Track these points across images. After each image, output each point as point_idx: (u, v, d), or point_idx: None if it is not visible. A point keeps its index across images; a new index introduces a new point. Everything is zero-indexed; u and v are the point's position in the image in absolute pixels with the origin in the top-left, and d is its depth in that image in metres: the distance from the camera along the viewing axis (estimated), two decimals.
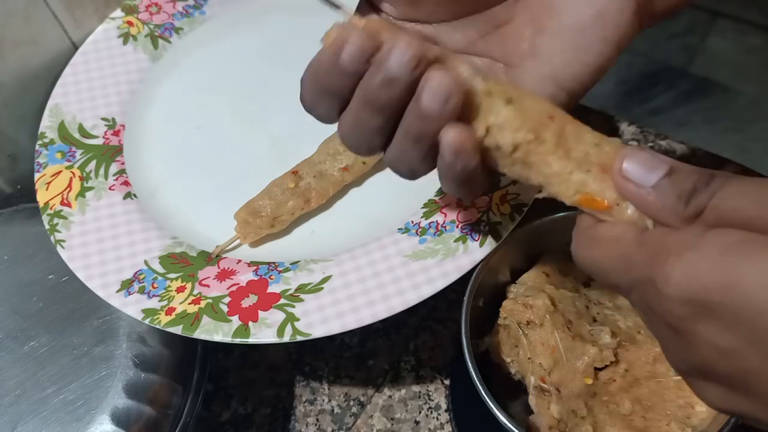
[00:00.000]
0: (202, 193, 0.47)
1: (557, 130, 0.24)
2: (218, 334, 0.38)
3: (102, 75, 0.52)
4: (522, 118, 0.24)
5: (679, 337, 0.20)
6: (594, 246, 0.23)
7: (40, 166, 0.46)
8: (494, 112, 0.24)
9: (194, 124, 0.50)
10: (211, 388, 0.49)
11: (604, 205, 0.23)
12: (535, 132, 0.24)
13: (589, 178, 0.23)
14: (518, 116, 0.24)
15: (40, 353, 0.40)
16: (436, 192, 0.44)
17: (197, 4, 0.56)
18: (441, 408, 0.47)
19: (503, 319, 0.40)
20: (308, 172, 0.44)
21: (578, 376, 0.38)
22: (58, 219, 0.44)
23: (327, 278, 0.40)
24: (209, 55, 0.54)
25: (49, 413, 0.38)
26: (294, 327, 0.38)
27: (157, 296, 0.40)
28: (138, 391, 0.39)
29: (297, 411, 0.48)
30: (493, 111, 0.24)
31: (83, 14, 0.53)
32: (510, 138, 0.24)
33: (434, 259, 0.40)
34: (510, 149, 0.24)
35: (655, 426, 0.36)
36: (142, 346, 0.40)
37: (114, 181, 0.46)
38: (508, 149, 0.24)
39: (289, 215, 0.43)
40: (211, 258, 0.42)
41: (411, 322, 0.50)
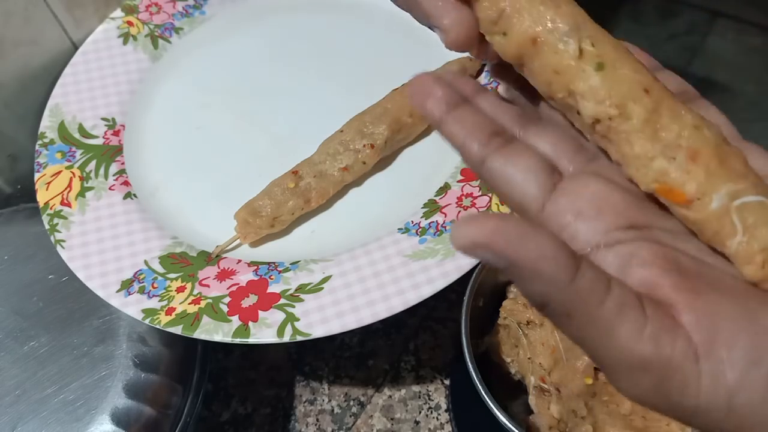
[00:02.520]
0: (202, 193, 0.47)
1: (651, 105, 0.21)
2: (218, 334, 0.38)
3: (102, 75, 0.52)
4: (609, 89, 0.21)
5: None
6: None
7: (40, 166, 0.46)
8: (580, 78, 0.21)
9: (194, 124, 0.51)
10: (211, 388, 0.49)
11: (683, 198, 0.20)
12: (622, 107, 0.21)
13: (672, 167, 0.20)
14: (605, 86, 0.21)
15: (40, 353, 0.40)
16: (436, 192, 0.44)
17: (197, 4, 0.56)
18: (441, 408, 0.47)
19: (503, 319, 0.40)
20: (308, 172, 0.44)
21: (578, 376, 0.38)
22: (58, 219, 0.44)
23: (327, 278, 0.40)
24: (209, 55, 0.54)
25: (49, 413, 0.38)
26: (294, 327, 0.38)
27: (157, 296, 0.40)
28: (138, 391, 0.39)
29: (297, 411, 0.48)
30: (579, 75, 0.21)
31: (83, 14, 0.53)
32: (592, 110, 0.21)
33: (434, 259, 0.40)
34: (590, 121, 0.22)
35: (655, 426, 0.36)
36: (142, 346, 0.40)
37: (114, 181, 0.46)
38: (588, 120, 0.22)
39: (289, 215, 0.43)
40: (211, 258, 0.42)
41: (411, 322, 0.50)
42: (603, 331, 0.18)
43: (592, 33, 0.22)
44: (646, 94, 0.21)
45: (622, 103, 0.21)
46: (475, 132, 0.22)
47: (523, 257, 0.18)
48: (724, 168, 0.20)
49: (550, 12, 0.22)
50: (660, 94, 0.21)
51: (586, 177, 0.22)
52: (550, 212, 0.21)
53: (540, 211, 0.21)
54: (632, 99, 0.21)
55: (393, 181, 0.46)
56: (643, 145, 0.21)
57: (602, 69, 0.21)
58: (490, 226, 0.18)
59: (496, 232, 0.18)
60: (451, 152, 0.46)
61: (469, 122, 0.23)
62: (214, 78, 0.53)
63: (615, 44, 0.22)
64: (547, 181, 0.22)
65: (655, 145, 0.21)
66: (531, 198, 0.22)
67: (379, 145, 0.44)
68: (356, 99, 0.46)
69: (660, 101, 0.21)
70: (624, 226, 0.21)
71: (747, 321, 0.18)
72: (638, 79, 0.21)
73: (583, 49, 0.21)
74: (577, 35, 0.21)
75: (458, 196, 0.43)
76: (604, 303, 0.18)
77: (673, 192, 0.20)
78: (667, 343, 0.18)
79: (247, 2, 0.57)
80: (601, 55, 0.21)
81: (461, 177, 0.44)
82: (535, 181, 0.22)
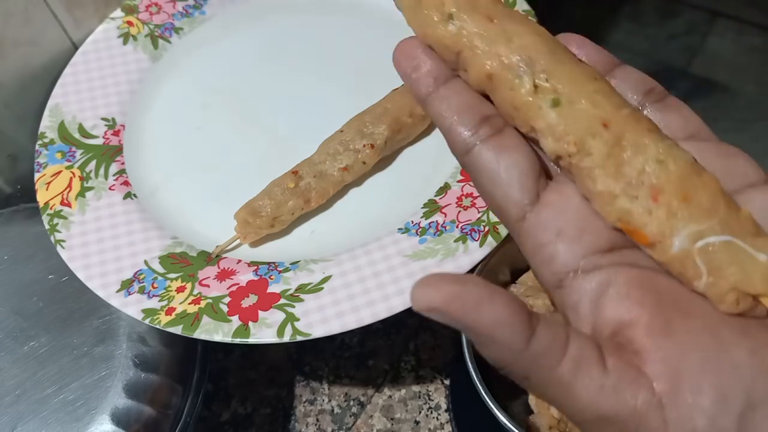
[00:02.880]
0: (202, 193, 0.47)
1: (611, 139, 0.20)
2: (218, 334, 0.38)
3: (102, 75, 0.52)
4: (567, 125, 0.20)
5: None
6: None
7: (40, 166, 0.46)
8: (538, 115, 0.21)
9: (194, 124, 0.50)
10: (211, 388, 0.49)
11: (645, 240, 0.20)
12: (581, 143, 0.20)
13: (635, 207, 0.20)
14: (562, 122, 0.20)
15: (40, 353, 0.40)
16: (436, 192, 0.44)
17: (197, 4, 0.56)
18: (441, 408, 0.47)
19: None
20: (308, 172, 0.44)
21: None
22: (58, 219, 0.44)
23: (327, 278, 0.40)
24: (209, 55, 0.54)
25: (49, 413, 0.38)
26: (294, 327, 0.38)
27: (157, 296, 0.40)
28: (138, 391, 0.39)
29: (297, 411, 0.48)
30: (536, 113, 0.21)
31: (83, 14, 0.53)
32: (551, 147, 0.21)
33: (434, 259, 0.40)
34: (552, 156, 0.21)
35: None
36: (142, 346, 0.40)
37: (114, 181, 0.46)
38: (551, 157, 0.21)
39: (289, 215, 0.43)
40: (211, 258, 0.42)
41: (411, 322, 0.50)
42: (562, 391, 0.18)
43: (547, 66, 0.21)
44: (605, 129, 0.20)
45: (580, 140, 0.20)
46: (464, 114, 0.22)
47: (478, 324, 0.18)
48: (689, 205, 0.19)
49: (502, 47, 0.21)
50: (622, 125, 0.20)
51: (569, 189, 0.21)
52: (531, 224, 0.21)
53: (521, 220, 0.21)
54: (591, 134, 0.20)
55: (393, 181, 0.46)
56: (604, 182, 0.20)
57: (558, 105, 0.20)
58: (447, 291, 0.18)
59: (453, 298, 0.18)
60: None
61: (456, 102, 0.22)
62: (214, 78, 0.53)
63: (572, 73, 0.21)
64: (532, 187, 0.21)
65: (617, 182, 0.20)
66: (513, 203, 0.21)
67: (379, 145, 0.44)
68: (356, 99, 0.46)
69: (621, 133, 0.20)
70: (604, 248, 0.20)
71: (716, 360, 0.18)
72: (596, 113, 0.20)
73: (537, 85, 0.21)
74: (531, 70, 0.21)
75: (458, 196, 0.43)
76: (561, 363, 0.18)
77: (636, 233, 0.20)
78: (629, 396, 0.18)
79: (247, 2, 0.57)
80: (556, 89, 0.21)
81: (461, 177, 0.44)
82: (521, 184, 0.21)
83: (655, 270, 0.20)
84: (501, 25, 0.21)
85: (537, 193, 0.21)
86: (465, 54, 0.22)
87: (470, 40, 0.21)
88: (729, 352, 0.18)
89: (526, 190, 0.21)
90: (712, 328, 0.18)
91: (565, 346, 0.18)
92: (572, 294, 0.20)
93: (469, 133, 0.21)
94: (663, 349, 0.18)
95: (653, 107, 0.22)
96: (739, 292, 0.19)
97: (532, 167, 0.21)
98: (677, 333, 0.18)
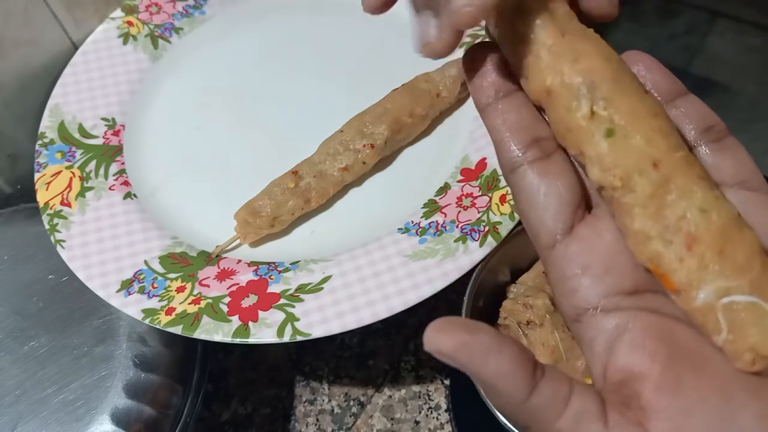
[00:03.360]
0: (202, 193, 0.47)
1: (658, 180, 0.19)
2: (218, 334, 0.38)
3: (102, 75, 0.52)
4: (616, 158, 0.20)
5: None
6: None
7: (40, 166, 0.46)
8: (589, 142, 0.20)
9: (194, 124, 0.50)
10: (211, 388, 0.49)
11: (672, 286, 0.19)
12: (626, 179, 0.20)
13: (667, 252, 0.19)
14: (612, 154, 0.20)
15: (40, 353, 0.40)
16: (436, 192, 0.44)
17: (197, 4, 0.56)
18: (441, 408, 0.47)
19: (503, 319, 0.40)
20: (308, 172, 0.44)
21: (578, 376, 0.38)
22: (58, 219, 0.44)
23: (327, 278, 0.40)
24: (209, 55, 0.54)
25: (49, 413, 0.38)
26: (294, 327, 0.38)
27: (157, 296, 0.40)
28: (138, 391, 0.39)
29: (297, 411, 0.48)
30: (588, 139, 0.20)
31: (83, 14, 0.53)
32: (597, 176, 0.20)
33: (434, 259, 0.40)
34: (596, 186, 0.21)
35: None
36: (142, 346, 0.40)
37: (114, 181, 0.46)
38: (595, 184, 0.21)
39: (289, 215, 0.43)
40: (211, 258, 0.42)
41: (411, 322, 0.50)
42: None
43: (608, 94, 0.20)
44: (655, 168, 0.19)
45: (627, 176, 0.20)
46: (517, 133, 0.22)
47: (483, 373, 0.19)
48: (723, 259, 0.19)
49: (567, 66, 0.20)
50: (673, 167, 0.19)
51: (604, 225, 0.21)
52: (559, 255, 0.21)
53: (550, 248, 0.21)
54: (638, 172, 0.20)
55: (393, 181, 0.46)
56: (642, 222, 0.20)
57: (612, 135, 0.20)
58: (457, 340, 0.18)
59: (462, 346, 0.18)
60: (451, 152, 0.47)
61: (513, 118, 0.22)
62: (214, 78, 0.53)
63: (632, 105, 0.20)
64: (568, 217, 0.21)
65: (655, 224, 0.20)
66: (546, 230, 0.21)
67: (379, 145, 0.44)
68: (356, 99, 0.46)
69: (670, 176, 0.19)
70: (628, 290, 0.20)
71: (721, 423, 0.18)
72: (648, 151, 0.20)
73: (595, 112, 0.20)
74: (591, 95, 0.20)
75: (458, 196, 0.43)
76: (561, 418, 0.18)
77: (664, 277, 0.20)
78: None
79: (247, 2, 0.57)
80: (613, 119, 0.20)
81: (461, 177, 0.44)
82: (556, 213, 0.21)
83: (677, 319, 0.20)
84: (571, 42, 0.21)
85: (571, 225, 0.21)
86: (530, 61, 0.21)
87: (538, 50, 0.21)
88: (736, 415, 0.18)
89: (560, 219, 0.21)
90: (723, 388, 0.18)
91: (566, 401, 0.19)
92: (589, 331, 0.20)
93: (519, 153, 0.21)
94: (669, 408, 0.18)
95: (709, 147, 0.22)
96: (756, 353, 0.19)
97: (572, 198, 0.21)
98: (685, 391, 0.18)
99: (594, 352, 0.20)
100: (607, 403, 0.19)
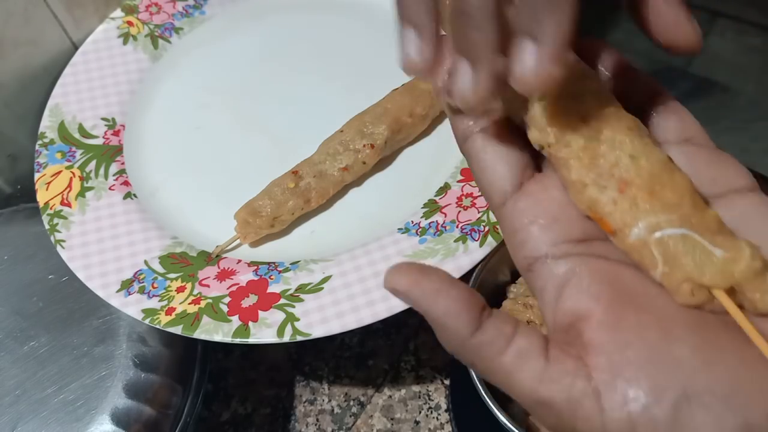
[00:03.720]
0: (202, 193, 0.47)
1: (590, 134, 0.21)
2: (218, 334, 0.38)
3: (102, 75, 0.52)
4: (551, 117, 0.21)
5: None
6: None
7: (40, 166, 0.46)
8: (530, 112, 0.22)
9: (194, 124, 0.50)
10: (211, 388, 0.49)
11: (609, 228, 0.21)
12: (560, 135, 0.21)
13: (603, 197, 0.21)
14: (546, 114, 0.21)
15: (40, 353, 0.40)
16: (436, 192, 0.44)
17: (197, 4, 0.56)
18: (441, 408, 0.47)
19: None
20: (308, 172, 0.44)
21: None
22: (58, 219, 0.44)
23: (327, 278, 0.40)
24: (209, 55, 0.54)
25: (49, 413, 0.38)
26: (294, 327, 0.38)
27: (157, 296, 0.40)
28: (138, 391, 0.39)
29: (297, 411, 0.48)
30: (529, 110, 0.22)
31: (83, 14, 0.53)
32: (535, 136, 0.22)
33: (434, 259, 0.40)
34: (536, 146, 0.22)
35: None
36: (142, 346, 0.40)
37: (114, 181, 0.46)
38: (534, 145, 0.22)
39: (289, 215, 0.43)
40: (211, 258, 0.42)
41: (411, 322, 0.50)
42: (504, 378, 0.20)
43: None
44: (585, 123, 0.21)
45: (561, 132, 0.21)
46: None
47: (432, 311, 0.20)
48: (653, 199, 0.20)
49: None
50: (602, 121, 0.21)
51: (551, 182, 0.22)
52: (509, 210, 0.22)
53: (501, 205, 0.23)
54: (571, 128, 0.21)
55: (393, 181, 0.46)
56: (578, 172, 0.21)
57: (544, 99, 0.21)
58: (412, 279, 0.20)
59: (415, 285, 0.20)
60: (451, 152, 0.47)
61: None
62: (214, 78, 0.53)
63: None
64: (516, 176, 0.22)
65: (589, 173, 0.21)
66: (496, 188, 0.23)
67: (379, 145, 0.44)
68: (356, 99, 0.46)
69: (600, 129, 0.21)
70: (576, 238, 0.21)
71: (658, 355, 0.19)
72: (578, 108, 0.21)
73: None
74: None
75: (458, 196, 0.43)
76: (504, 354, 0.20)
77: (602, 221, 0.21)
78: (565, 386, 0.19)
79: (247, 2, 0.57)
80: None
81: (461, 177, 0.44)
82: (505, 173, 0.22)
83: (624, 263, 0.21)
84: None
85: (520, 182, 0.22)
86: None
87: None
88: (672, 347, 0.19)
89: (508, 177, 0.22)
90: (662, 324, 0.19)
91: (509, 339, 0.20)
92: (540, 279, 0.22)
93: (470, 122, 0.23)
94: (607, 343, 0.19)
95: (655, 110, 0.23)
96: (693, 284, 0.20)
97: (519, 157, 0.23)
98: (625, 328, 0.19)
99: (545, 300, 0.21)
100: (551, 342, 0.20)
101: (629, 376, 0.19)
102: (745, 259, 0.19)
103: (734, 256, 0.19)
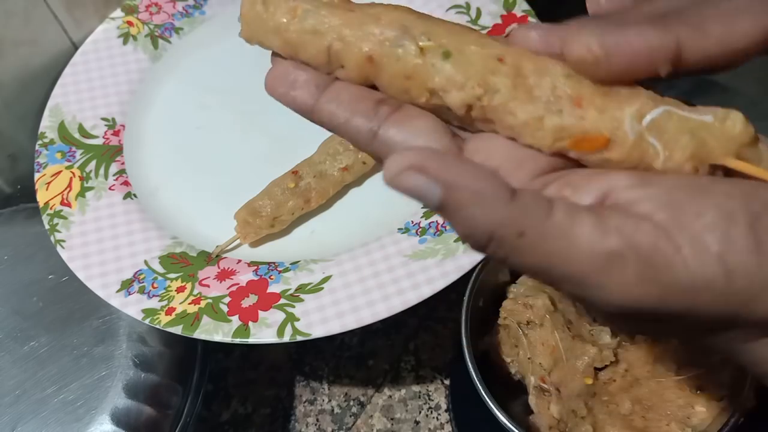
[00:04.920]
0: (202, 193, 0.47)
1: (511, 71, 0.20)
2: (218, 334, 0.38)
3: (102, 75, 0.52)
4: (465, 71, 0.20)
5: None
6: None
7: (40, 166, 0.46)
8: (433, 73, 0.20)
9: (194, 124, 0.50)
10: (211, 388, 0.49)
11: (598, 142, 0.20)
12: (484, 83, 0.20)
13: (566, 119, 0.20)
14: (460, 70, 0.20)
15: (40, 353, 0.40)
16: None
17: (197, 4, 0.56)
18: (441, 408, 0.47)
19: (503, 319, 0.40)
20: (308, 172, 0.44)
21: (578, 376, 0.38)
22: (58, 219, 0.44)
23: (327, 278, 0.40)
24: (209, 55, 0.54)
25: (49, 413, 0.38)
26: (294, 327, 0.38)
27: (157, 296, 0.40)
28: (138, 391, 0.39)
29: (297, 411, 0.48)
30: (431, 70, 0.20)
31: (83, 14, 0.53)
32: (458, 98, 0.20)
33: (434, 259, 0.40)
34: (463, 110, 0.21)
35: (655, 426, 0.36)
36: (142, 346, 0.40)
37: (114, 181, 0.46)
38: (460, 110, 0.21)
39: (289, 215, 0.43)
40: (211, 258, 0.42)
41: (411, 322, 0.50)
42: (561, 240, 0.17)
43: (424, 27, 0.21)
44: (502, 63, 0.20)
45: (483, 80, 0.20)
46: (357, 104, 0.21)
47: (460, 179, 0.17)
48: (612, 99, 0.19)
49: (373, 27, 0.21)
50: (516, 56, 0.20)
51: (488, 136, 0.21)
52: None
53: None
54: (491, 72, 0.20)
55: None
56: (524, 109, 0.20)
57: (450, 56, 0.20)
58: (426, 152, 0.17)
59: (432, 157, 0.17)
60: None
61: (346, 96, 0.21)
62: (214, 78, 0.53)
63: (449, 28, 0.21)
64: (449, 142, 0.20)
65: (536, 105, 0.20)
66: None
67: None
68: None
69: (519, 63, 0.20)
70: (547, 170, 0.20)
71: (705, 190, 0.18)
72: (487, 52, 0.20)
73: (422, 47, 0.21)
74: (410, 35, 0.21)
75: None
76: (553, 212, 0.17)
77: (585, 140, 0.20)
78: (631, 230, 0.17)
79: None
80: (441, 44, 0.20)
81: None
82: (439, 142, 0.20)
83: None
84: (362, 11, 0.21)
85: (458, 147, 0.21)
86: (335, 47, 0.21)
87: (338, 32, 0.21)
88: (713, 184, 0.18)
89: (443, 146, 0.20)
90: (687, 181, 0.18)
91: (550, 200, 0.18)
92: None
93: (368, 119, 0.21)
94: (649, 194, 0.18)
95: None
96: (696, 160, 0.19)
97: (442, 127, 0.21)
98: (656, 183, 0.18)
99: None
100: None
101: (691, 211, 0.17)
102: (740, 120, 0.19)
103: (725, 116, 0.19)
